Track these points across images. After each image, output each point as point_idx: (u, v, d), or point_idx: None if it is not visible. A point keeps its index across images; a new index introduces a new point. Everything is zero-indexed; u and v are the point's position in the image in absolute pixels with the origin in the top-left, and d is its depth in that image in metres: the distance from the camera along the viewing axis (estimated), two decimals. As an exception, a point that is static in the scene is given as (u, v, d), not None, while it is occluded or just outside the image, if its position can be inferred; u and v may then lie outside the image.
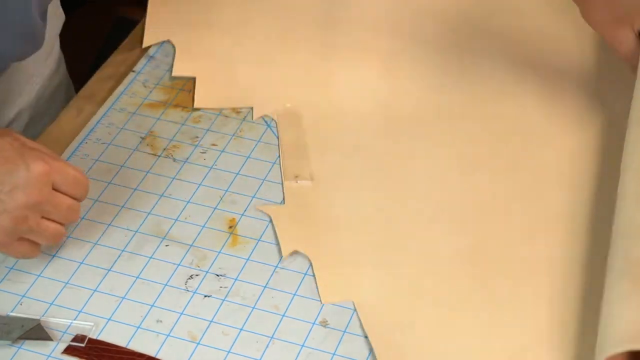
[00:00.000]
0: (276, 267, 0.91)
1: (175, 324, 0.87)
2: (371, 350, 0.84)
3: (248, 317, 0.87)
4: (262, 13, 1.18)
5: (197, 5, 1.18)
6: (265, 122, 1.05)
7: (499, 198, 0.97)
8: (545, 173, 0.99)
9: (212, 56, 1.13)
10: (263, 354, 0.84)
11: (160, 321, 0.87)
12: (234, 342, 0.85)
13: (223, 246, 0.93)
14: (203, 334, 0.86)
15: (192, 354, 0.85)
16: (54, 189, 0.86)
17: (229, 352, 0.85)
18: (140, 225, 0.95)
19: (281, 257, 0.92)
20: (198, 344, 0.85)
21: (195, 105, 1.06)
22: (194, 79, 1.09)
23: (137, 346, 0.85)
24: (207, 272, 0.91)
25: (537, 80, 1.09)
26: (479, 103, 1.07)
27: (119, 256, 0.92)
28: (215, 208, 0.97)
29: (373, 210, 0.96)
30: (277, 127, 1.04)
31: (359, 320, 0.86)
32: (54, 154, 0.89)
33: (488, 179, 0.98)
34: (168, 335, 0.86)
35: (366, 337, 0.85)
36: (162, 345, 0.85)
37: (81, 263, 0.92)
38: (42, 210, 0.86)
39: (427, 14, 1.17)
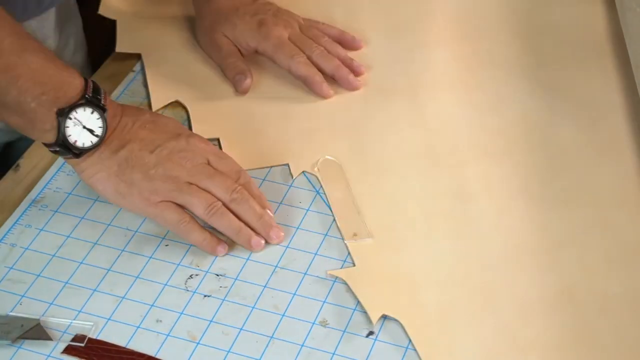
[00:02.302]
0: (276, 266, 0.91)
1: (175, 323, 0.87)
2: (370, 350, 0.85)
3: (248, 317, 0.87)
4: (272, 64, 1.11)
5: (199, 63, 1.12)
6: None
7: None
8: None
9: (231, 113, 1.06)
10: (263, 353, 0.84)
11: (160, 321, 0.87)
12: (234, 342, 0.85)
13: (223, 246, 0.93)
14: (203, 334, 0.86)
15: (192, 354, 0.84)
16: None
17: (228, 352, 0.85)
18: (140, 225, 0.95)
19: (280, 258, 0.92)
20: (198, 343, 0.85)
21: None
22: (217, 140, 1.03)
23: (137, 346, 0.85)
24: (207, 272, 0.91)
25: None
26: None
27: (119, 256, 0.92)
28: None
29: (449, 259, 0.91)
30: (320, 183, 0.98)
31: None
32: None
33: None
34: (168, 335, 0.86)
35: (367, 337, 0.85)
36: (162, 345, 0.85)
37: (81, 263, 0.92)
38: (194, 175, 0.92)
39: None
